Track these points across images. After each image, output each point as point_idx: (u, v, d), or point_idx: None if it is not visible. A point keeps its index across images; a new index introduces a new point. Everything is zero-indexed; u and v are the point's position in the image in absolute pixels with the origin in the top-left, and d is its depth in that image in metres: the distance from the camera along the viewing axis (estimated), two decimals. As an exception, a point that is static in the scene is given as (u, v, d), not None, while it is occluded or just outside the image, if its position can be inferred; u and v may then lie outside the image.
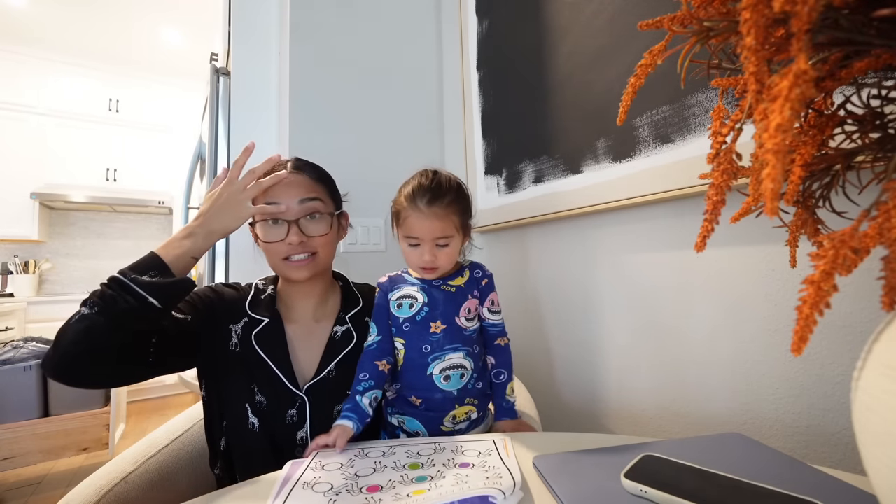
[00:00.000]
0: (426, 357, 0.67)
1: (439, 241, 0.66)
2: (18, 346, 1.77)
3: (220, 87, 1.42)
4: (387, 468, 0.49)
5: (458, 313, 0.69)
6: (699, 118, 0.66)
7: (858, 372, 0.29)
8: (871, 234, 0.25)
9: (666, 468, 0.43)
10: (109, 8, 2.81)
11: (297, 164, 0.74)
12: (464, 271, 0.73)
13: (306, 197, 0.70)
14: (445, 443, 0.57)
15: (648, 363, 0.79)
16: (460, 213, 0.68)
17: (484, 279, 0.73)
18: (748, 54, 0.24)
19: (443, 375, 0.67)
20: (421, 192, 0.66)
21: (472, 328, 0.71)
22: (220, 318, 0.72)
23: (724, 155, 0.33)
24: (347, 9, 1.34)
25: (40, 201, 3.12)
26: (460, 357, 0.68)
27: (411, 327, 0.69)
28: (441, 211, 0.65)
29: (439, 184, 0.67)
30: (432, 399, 0.67)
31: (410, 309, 0.69)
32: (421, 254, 0.67)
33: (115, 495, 0.61)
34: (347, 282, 0.84)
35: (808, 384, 0.57)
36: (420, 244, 0.67)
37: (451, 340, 0.68)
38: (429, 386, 0.67)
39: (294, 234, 0.68)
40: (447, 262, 0.68)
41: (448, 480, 0.45)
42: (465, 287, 0.71)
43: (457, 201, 0.68)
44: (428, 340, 0.68)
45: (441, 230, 0.66)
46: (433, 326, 0.68)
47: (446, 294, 0.70)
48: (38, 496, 1.77)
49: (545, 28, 1.01)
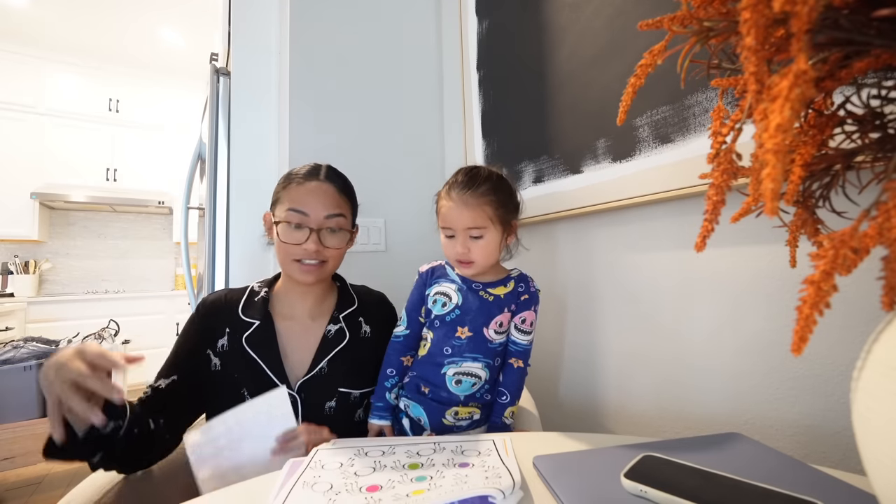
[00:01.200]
0: (444, 358, 0.68)
1: (472, 231, 0.66)
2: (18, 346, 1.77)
3: (220, 87, 1.42)
4: (386, 468, 0.49)
5: (489, 324, 0.68)
6: (699, 118, 0.66)
7: (858, 372, 0.29)
8: (871, 234, 0.25)
9: (666, 468, 0.43)
10: (110, 8, 2.81)
11: (329, 174, 0.77)
12: (508, 281, 0.71)
13: (332, 213, 0.73)
14: (445, 443, 0.57)
15: (648, 363, 0.79)
16: (496, 204, 0.66)
17: (525, 294, 0.71)
18: (748, 54, 0.24)
19: (455, 379, 0.67)
20: (457, 182, 0.67)
21: (499, 341, 0.70)
22: (200, 348, 0.73)
23: (724, 155, 0.33)
24: (347, 8, 1.34)
25: (40, 201, 3.12)
26: (478, 367, 0.68)
27: (439, 325, 0.69)
28: (472, 200, 0.65)
29: (475, 174, 0.67)
30: (439, 395, 0.68)
31: (443, 308, 0.69)
32: (454, 245, 0.67)
33: (117, 494, 0.61)
34: (345, 282, 0.85)
35: (808, 384, 0.57)
36: (455, 235, 0.67)
37: (473, 349, 0.68)
38: (440, 384, 0.68)
39: (313, 241, 0.71)
40: (481, 256, 0.67)
41: (448, 480, 0.45)
42: (505, 299, 0.70)
43: (492, 192, 0.66)
44: (451, 343, 0.68)
45: (471, 219, 0.65)
46: (459, 331, 0.68)
47: (482, 301, 0.69)
48: (38, 496, 1.77)
49: (545, 28, 1.01)
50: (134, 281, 3.66)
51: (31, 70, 3.17)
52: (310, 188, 0.73)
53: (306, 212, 0.71)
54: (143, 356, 0.57)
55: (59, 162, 3.21)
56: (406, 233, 1.34)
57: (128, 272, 3.65)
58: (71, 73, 3.30)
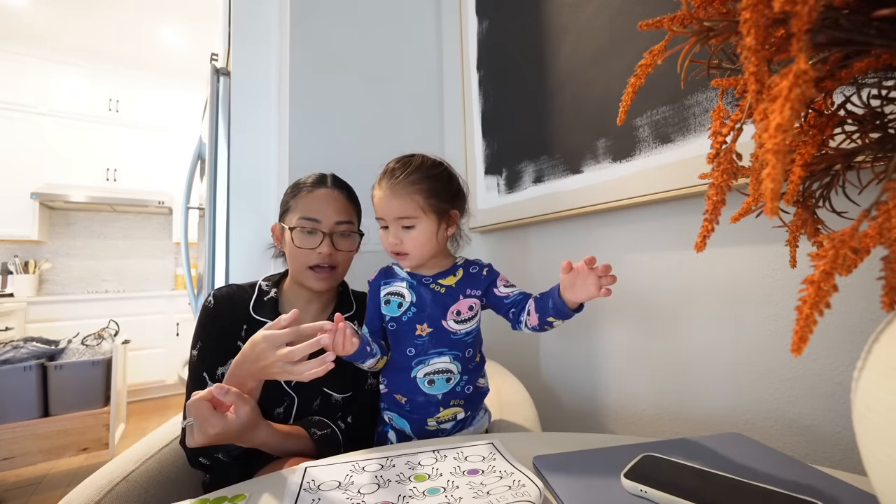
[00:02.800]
0: (410, 360, 0.65)
1: (402, 221, 0.63)
2: (18, 347, 1.77)
3: (220, 87, 1.42)
4: (391, 482, 0.46)
5: (446, 316, 0.65)
6: (699, 118, 0.66)
7: (858, 372, 0.29)
8: (871, 234, 0.25)
9: (666, 468, 0.43)
10: (110, 8, 2.81)
11: (336, 182, 0.79)
12: (457, 270, 0.69)
13: (342, 220, 0.75)
14: (445, 449, 0.55)
15: (648, 363, 0.79)
16: (427, 193, 0.63)
17: (483, 270, 0.69)
18: (748, 54, 0.24)
19: (427, 380, 0.65)
20: (387, 169, 0.65)
21: (463, 331, 0.66)
22: (232, 336, 0.73)
23: (724, 155, 0.33)
24: (347, 8, 1.34)
25: (40, 201, 3.12)
26: (446, 361, 0.65)
27: (397, 328, 0.66)
28: (401, 189, 0.62)
29: (406, 162, 0.65)
30: (415, 401, 0.65)
31: (399, 308, 0.66)
32: (387, 236, 0.65)
33: (117, 494, 0.61)
34: (347, 288, 0.86)
35: (808, 384, 0.57)
36: (388, 226, 0.64)
37: (436, 345, 0.65)
38: (412, 388, 0.65)
39: (326, 245, 0.73)
40: (415, 247, 0.64)
41: (464, 491, 0.43)
42: (457, 287, 0.67)
43: (424, 181, 0.63)
44: (413, 343, 0.65)
45: (400, 209, 0.62)
46: (419, 329, 0.65)
47: (434, 294, 0.66)
48: (38, 496, 1.77)
49: (545, 28, 1.01)
50: (134, 281, 3.66)
51: (31, 70, 3.17)
52: (319, 195, 0.75)
53: (318, 218, 0.73)
54: None
55: (59, 162, 3.21)
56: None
57: (128, 272, 3.65)
58: (71, 73, 3.29)
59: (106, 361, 1.89)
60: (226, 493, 0.46)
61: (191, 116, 3.58)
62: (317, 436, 0.67)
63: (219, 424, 0.55)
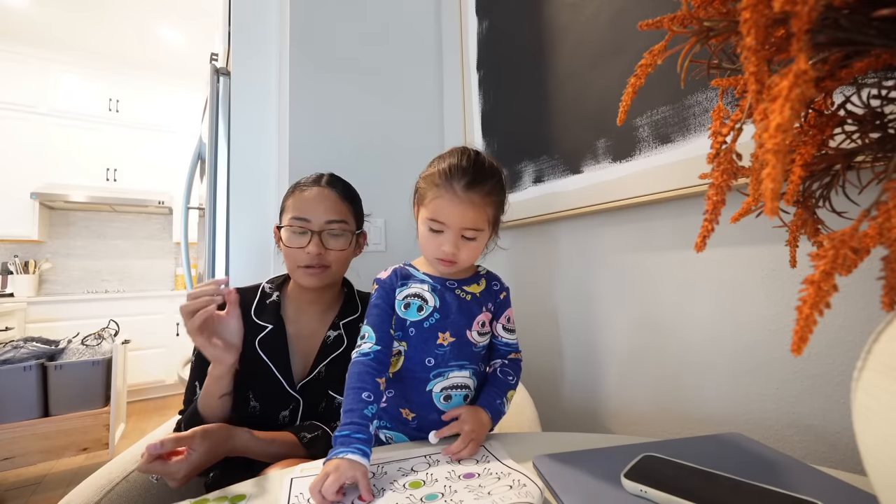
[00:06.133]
0: (428, 371, 0.59)
1: (467, 232, 0.57)
2: (18, 347, 1.77)
3: (220, 87, 1.42)
4: (387, 491, 0.45)
5: (471, 326, 0.60)
6: (699, 118, 0.66)
7: (858, 372, 0.29)
8: (871, 234, 0.25)
9: (666, 468, 0.43)
10: (110, 8, 2.81)
11: (331, 181, 0.79)
12: (480, 279, 0.64)
13: (333, 219, 0.74)
14: (437, 454, 0.53)
15: (648, 363, 0.79)
16: (497, 205, 0.60)
17: (502, 292, 0.65)
18: (748, 54, 0.24)
19: (444, 395, 0.59)
20: (460, 171, 0.56)
21: (483, 344, 0.62)
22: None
23: (724, 155, 0.33)
24: (347, 8, 1.34)
25: (40, 201, 3.12)
26: (465, 376, 0.60)
27: (416, 334, 0.59)
28: (479, 199, 0.56)
29: (482, 167, 0.58)
30: (426, 418, 0.59)
31: (419, 312, 0.60)
32: (441, 243, 0.57)
33: (117, 494, 0.61)
34: (352, 289, 0.86)
35: (808, 384, 0.57)
36: (444, 231, 0.57)
37: (458, 356, 0.60)
38: (426, 403, 0.59)
39: (314, 244, 0.72)
40: (469, 258, 0.59)
41: (463, 494, 0.43)
42: (482, 297, 0.63)
43: (496, 192, 0.59)
44: (433, 353, 0.59)
45: (473, 220, 0.56)
46: (441, 337, 0.59)
47: (461, 301, 0.61)
48: (38, 496, 1.77)
49: (545, 28, 1.01)
50: (134, 281, 3.66)
51: (31, 70, 3.17)
52: (311, 195, 0.75)
53: (308, 217, 0.73)
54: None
55: (59, 162, 3.21)
56: (406, 233, 1.33)
57: (128, 272, 3.65)
58: (71, 73, 3.29)
59: (106, 361, 1.90)
60: (226, 493, 0.46)
61: (191, 116, 3.58)
62: (306, 439, 0.67)
63: (181, 469, 0.56)
